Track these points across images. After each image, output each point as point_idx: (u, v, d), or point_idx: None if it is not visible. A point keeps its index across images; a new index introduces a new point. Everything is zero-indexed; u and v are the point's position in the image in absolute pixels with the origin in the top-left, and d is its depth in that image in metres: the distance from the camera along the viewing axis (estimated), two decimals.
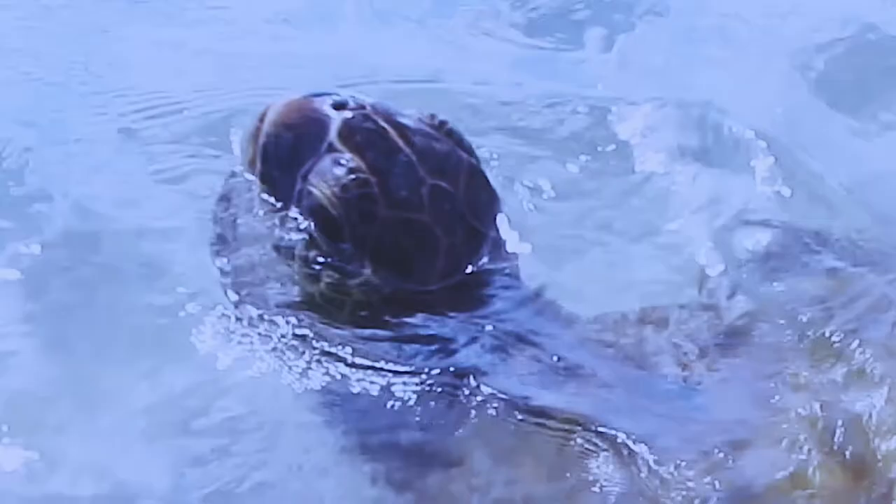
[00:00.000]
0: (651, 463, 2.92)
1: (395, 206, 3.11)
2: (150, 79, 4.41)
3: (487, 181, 3.28)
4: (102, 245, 3.73)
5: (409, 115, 3.20)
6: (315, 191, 3.11)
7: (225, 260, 3.26)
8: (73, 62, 4.55)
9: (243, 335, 3.19)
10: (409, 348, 3.14)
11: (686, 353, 3.17)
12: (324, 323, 3.17)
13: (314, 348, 3.15)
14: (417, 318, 3.17)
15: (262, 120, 3.18)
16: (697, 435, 2.97)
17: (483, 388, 3.07)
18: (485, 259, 3.23)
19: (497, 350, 3.14)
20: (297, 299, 3.20)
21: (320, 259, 3.17)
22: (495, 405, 3.05)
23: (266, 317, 3.18)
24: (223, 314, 3.22)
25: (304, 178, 3.13)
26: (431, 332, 3.16)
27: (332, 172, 3.10)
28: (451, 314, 3.17)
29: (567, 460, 2.98)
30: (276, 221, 3.20)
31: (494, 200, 3.29)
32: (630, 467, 2.93)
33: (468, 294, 3.20)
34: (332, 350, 3.14)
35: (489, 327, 3.17)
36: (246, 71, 4.44)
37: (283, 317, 3.18)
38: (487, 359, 3.13)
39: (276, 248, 3.21)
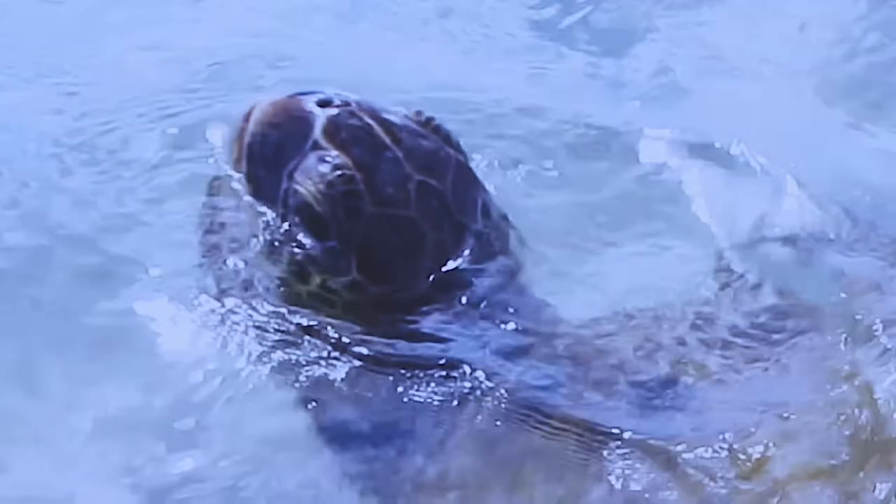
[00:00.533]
0: (656, 458, 2.92)
1: (382, 202, 3.09)
2: (138, 79, 4.42)
3: (476, 178, 3.26)
4: (84, 246, 3.70)
5: (396, 112, 3.18)
6: (300, 189, 3.09)
7: (212, 261, 3.24)
8: (59, 63, 4.56)
9: (229, 337, 3.18)
10: (399, 346, 3.12)
11: (689, 350, 3.15)
12: (312, 323, 3.15)
13: (301, 349, 3.13)
14: (407, 317, 3.14)
15: (247, 119, 3.17)
16: (705, 429, 2.96)
17: (476, 386, 3.06)
18: (474, 256, 3.20)
19: (486, 348, 3.12)
20: (285, 300, 3.17)
21: (308, 258, 3.13)
22: (487, 402, 3.05)
23: (253, 318, 3.17)
24: (208, 316, 3.20)
25: (290, 176, 3.11)
26: (421, 331, 3.13)
27: (317, 170, 3.08)
28: (441, 313, 3.15)
29: (569, 461, 2.96)
30: (263, 222, 3.18)
31: (484, 197, 3.25)
32: (633, 463, 2.93)
33: (457, 293, 3.17)
34: (320, 350, 3.13)
35: (478, 326, 3.14)
36: (238, 72, 4.45)
37: (271, 318, 3.16)
38: (477, 356, 3.10)
39: (264, 248, 3.18)
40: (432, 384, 3.08)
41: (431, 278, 3.15)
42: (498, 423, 3.03)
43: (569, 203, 3.89)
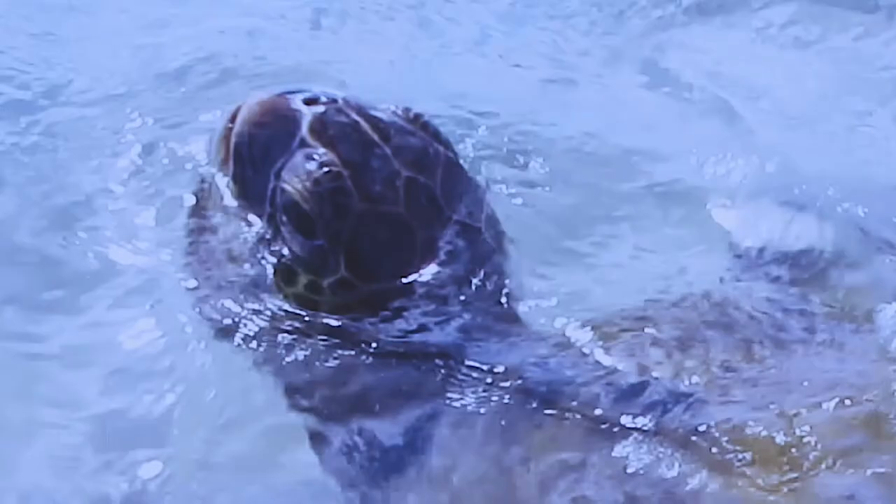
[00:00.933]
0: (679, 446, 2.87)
1: (370, 199, 3.05)
2: (125, 79, 4.44)
3: (466, 174, 3.21)
4: (70, 247, 3.72)
5: (384, 109, 3.15)
6: (288, 187, 3.06)
7: (197, 264, 3.21)
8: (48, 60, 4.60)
9: (215, 339, 3.17)
10: (388, 344, 3.09)
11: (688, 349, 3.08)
12: (299, 325, 3.12)
13: (289, 348, 3.11)
14: (396, 315, 3.10)
15: (233, 120, 3.14)
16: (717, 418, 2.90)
17: (469, 382, 3.04)
18: (464, 252, 3.15)
19: (478, 344, 3.09)
20: (273, 302, 3.14)
21: (295, 258, 3.10)
22: (481, 398, 3.02)
23: (240, 319, 3.15)
24: (194, 319, 3.20)
25: (278, 175, 3.08)
26: (410, 329, 3.10)
27: (304, 167, 3.04)
28: (430, 310, 3.10)
29: (575, 452, 2.91)
30: (250, 223, 3.15)
31: (474, 193, 3.21)
32: (649, 451, 2.88)
33: (447, 289, 3.12)
34: (309, 349, 3.10)
35: (468, 322, 3.11)
36: (226, 74, 4.45)
37: (258, 319, 3.14)
38: (470, 353, 3.08)
39: (250, 250, 3.15)
40: (425, 381, 3.05)
41: (421, 275, 3.10)
42: (494, 418, 2.99)
43: (562, 205, 3.87)
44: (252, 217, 3.14)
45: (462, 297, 3.13)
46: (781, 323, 3.14)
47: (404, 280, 3.10)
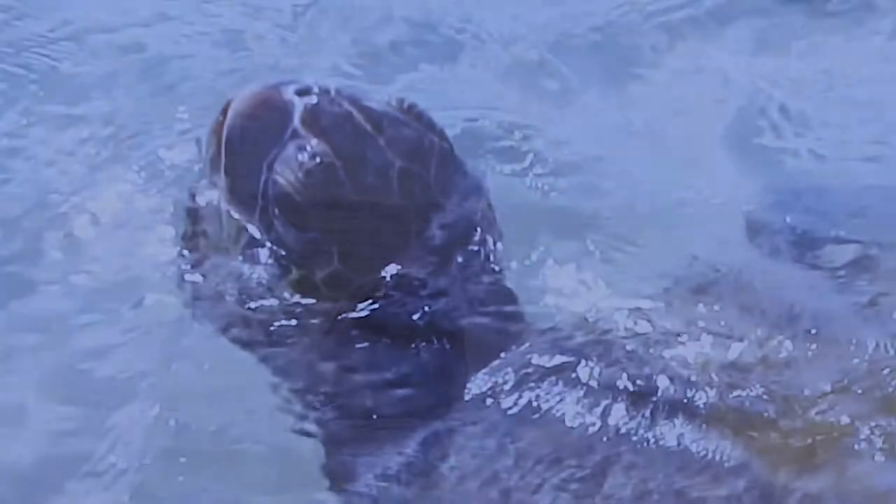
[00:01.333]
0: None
1: (363, 190, 3.02)
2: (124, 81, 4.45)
3: (461, 164, 3.19)
4: (58, 251, 3.71)
5: (377, 100, 3.12)
6: (280, 179, 3.03)
7: (190, 260, 3.20)
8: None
9: (210, 336, 3.16)
10: (382, 337, 3.07)
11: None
12: (294, 321, 3.09)
13: (285, 347, 3.10)
14: (390, 307, 3.07)
15: (224, 112, 3.11)
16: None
17: (467, 375, 3.03)
18: (459, 243, 3.13)
19: (474, 335, 3.08)
20: (268, 298, 3.11)
21: (288, 252, 3.07)
22: (480, 390, 3.01)
23: (233, 315, 3.13)
24: (186, 315, 3.19)
25: (270, 167, 3.04)
26: (405, 321, 3.07)
27: (296, 158, 3.02)
28: (424, 300, 3.08)
29: (565, 446, 2.90)
30: (243, 217, 3.10)
31: (469, 184, 3.19)
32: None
33: (441, 280, 3.10)
34: (305, 346, 3.08)
35: (464, 313, 3.09)
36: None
37: (251, 314, 3.12)
38: (467, 345, 3.07)
39: (245, 247, 3.12)
40: (421, 376, 3.05)
41: (415, 267, 3.08)
42: (492, 413, 2.98)
43: (562, 204, 3.84)
44: (245, 211, 3.10)
45: (457, 290, 3.10)
46: (807, 305, 3.11)
47: (398, 272, 3.07)
